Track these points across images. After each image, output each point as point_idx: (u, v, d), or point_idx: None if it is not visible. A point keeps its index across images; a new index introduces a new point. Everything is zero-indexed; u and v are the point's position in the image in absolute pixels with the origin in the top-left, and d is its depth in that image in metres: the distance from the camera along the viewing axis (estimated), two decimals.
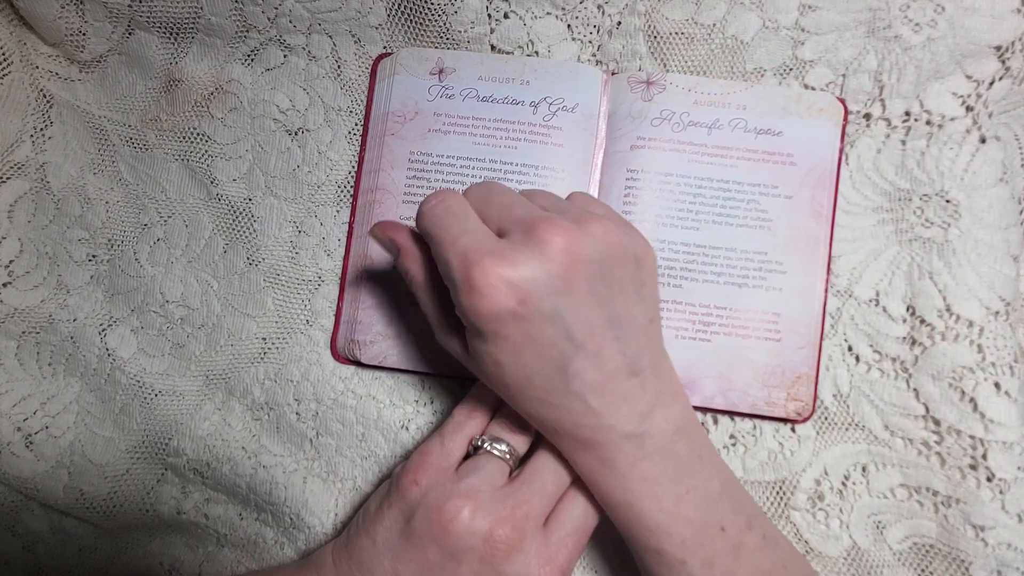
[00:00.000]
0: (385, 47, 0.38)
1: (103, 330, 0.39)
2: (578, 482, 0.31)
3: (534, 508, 0.29)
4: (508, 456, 0.31)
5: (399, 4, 0.36)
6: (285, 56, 0.38)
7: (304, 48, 0.38)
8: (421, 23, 0.37)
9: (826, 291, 0.36)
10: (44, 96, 0.39)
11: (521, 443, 0.32)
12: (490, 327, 0.25)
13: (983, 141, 0.35)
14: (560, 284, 0.25)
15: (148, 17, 0.37)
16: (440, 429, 0.32)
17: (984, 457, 0.34)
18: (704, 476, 0.29)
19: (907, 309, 0.35)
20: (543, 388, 0.27)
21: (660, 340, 0.30)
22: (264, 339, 0.38)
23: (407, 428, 0.37)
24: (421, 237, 0.29)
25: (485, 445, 0.31)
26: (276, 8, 0.37)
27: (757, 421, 0.36)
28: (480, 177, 0.36)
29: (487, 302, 0.24)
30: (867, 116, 0.36)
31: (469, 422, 0.32)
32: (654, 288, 0.29)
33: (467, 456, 0.31)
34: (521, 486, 0.29)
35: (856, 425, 0.36)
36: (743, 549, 0.29)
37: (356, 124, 0.38)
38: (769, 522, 0.31)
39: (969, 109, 0.36)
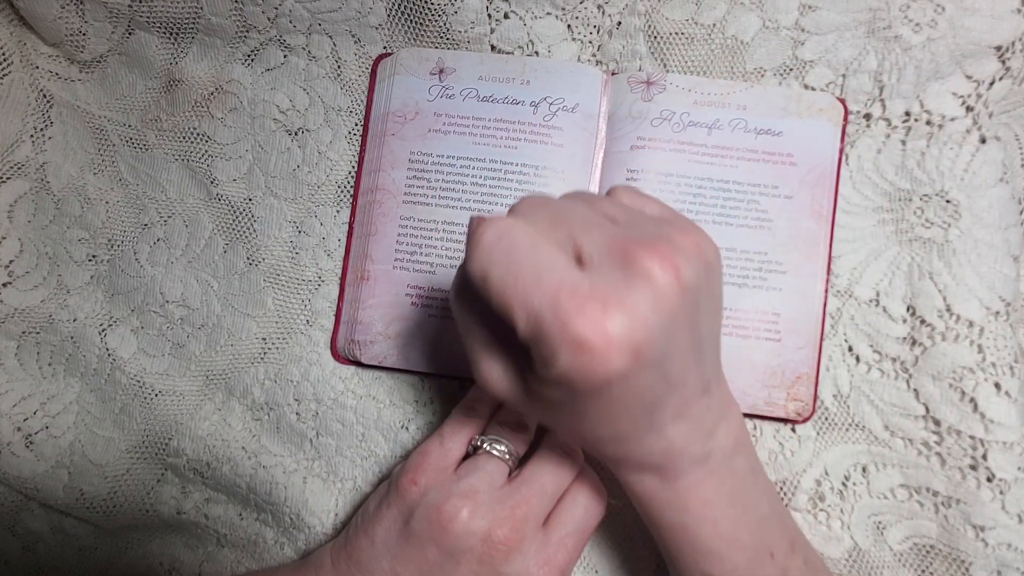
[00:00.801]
0: (385, 47, 0.38)
1: (103, 330, 0.39)
2: (578, 482, 0.31)
3: (533, 509, 0.29)
4: (508, 456, 0.31)
5: (399, 4, 0.36)
6: (285, 56, 0.38)
7: (304, 48, 0.38)
8: (421, 23, 0.37)
9: (826, 291, 0.36)
10: (44, 96, 0.39)
11: (520, 443, 0.32)
12: (594, 388, 0.21)
13: (983, 141, 0.35)
14: (669, 325, 0.21)
15: (148, 17, 0.37)
16: (439, 429, 0.32)
17: (984, 457, 0.34)
18: (756, 494, 0.28)
19: (907, 309, 0.35)
20: (624, 430, 0.24)
21: (720, 346, 0.27)
22: (264, 339, 0.38)
23: (407, 428, 0.37)
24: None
25: (484, 445, 0.31)
26: (276, 8, 0.37)
27: (757, 421, 0.36)
28: (480, 177, 0.36)
29: (601, 363, 0.20)
30: (867, 116, 0.36)
31: (469, 422, 0.32)
32: (721, 291, 0.25)
33: (467, 456, 0.31)
34: (520, 487, 0.29)
35: (856, 425, 0.36)
36: (789, 574, 0.28)
37: (356, 124, 0.38)
38: (808, 544, 0.30)
39: (969, 109, 0.36)
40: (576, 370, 0.20)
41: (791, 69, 0.36)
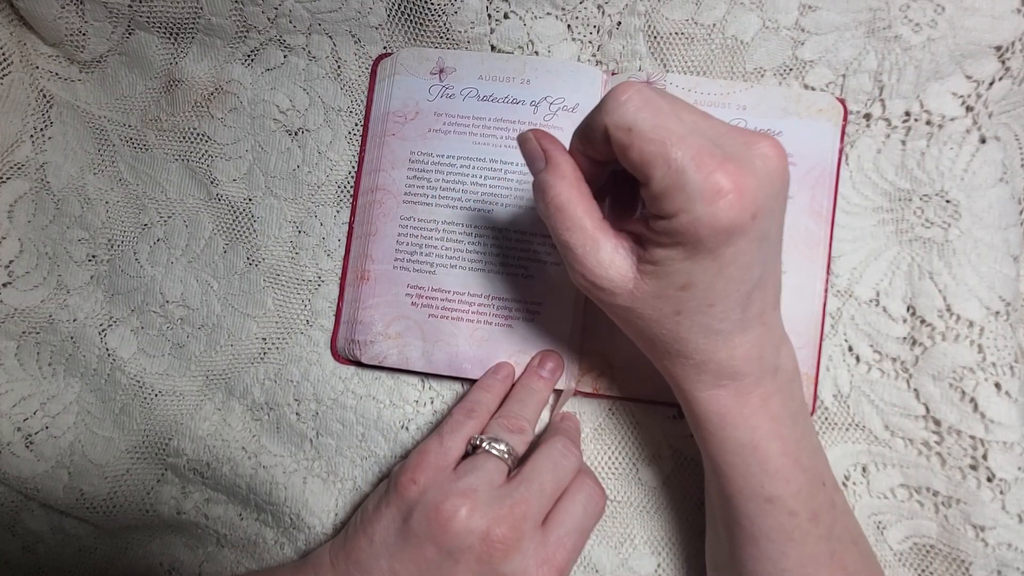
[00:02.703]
0: (385, 47, 0.38)
1: (103, 330, 0.39)
2: (577, 481, 0.31)
3: (532, 508, 0.29)
4: (507, 456, 0.31)
5: (399, 4, 0.36)
6: (285, 56, 0.38)
7: (304, 48, 0.38)
8: (421, 23, 0.37)
9: (826, 291, 0.36)
10: (44, 96, 0.39)
11: (520, 443, 0.32)
12: (716, 241, 0.22)
13: (983, 141, 0.35)
14: (776, 204, 0.24)
15: (148, 17, 0.37)
16: (438, 428, 0.32)
17: (984, 457, 0.34)
18: (808, 423, 0.29)
19: (907, 309, 0.35)
20: (718, 315, 0.25)
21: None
22: (264, 339, 0.38)
23: (407, 428, 0.37)
24: (569, 153, 0.26)
25: (484, 444, 0.31)
26: (276, 8, 0.37)
27: None
28: (481, 177, 0.36)
29: (732, 211, 0.22)
30: (867, 116, 0.36)
31: (468, 422, 0.32)
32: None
33: (466, 455, 0.31)
34: (519, 486, 0.29)
35: (856, 425, 0.36)
36: (836, 508, 0.29)
37: (356, 124, 0.38)
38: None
39: (969, 109, 0.36)
40: (709, 215, 0.22)
41: (791, 69, 0.36)
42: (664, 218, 0.23)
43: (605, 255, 0.25)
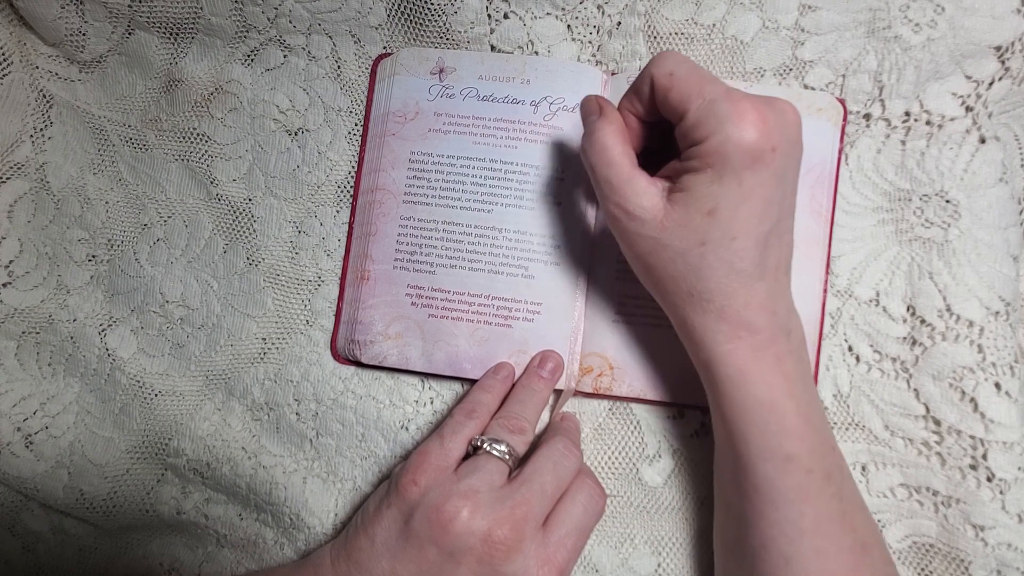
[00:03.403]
0: (385, 47, 0.38)
1: (103, 330, 0.39)
2: (577, 482, 0.31)
3: (533, 508, 0.29)
4: (507, 456, 0.31)
5: (399, 4, 0.36)
6: (285, 56, 0.38)
7: (304, 48, 0.38)
8: (421, 23, 0.37)
9: (825, 291, 0.36)
10: (44, 96, 0.39)
11: (520, 444, 0.32)
12: (740, 161, 0.26)
13: (983, 141, 0.35)
14: (793, 151, 0.27)
15: (148, 17, 0.37)
16: (439, 429, 0.32)
17: (984, 457, 0.34)
18: (817, 393, 0.30)
19: (907, 309, 0.35)
20: (739, 251, 0.27)
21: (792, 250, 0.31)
22: (264, 339, 0.38)
23: (407, 428, 0.37)
24: (619, 111, 0.30)
25: (484, 445, 0.31)
26: (276, 8, 0.37)
27: None
28: (481, 177, 0.36)
29: (754, 132, 0.25)
30: (867, 116, 0.36)
31: (468, 423, 0.32)
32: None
33: (467, 456, 0.31)
34: (520, 487, 0.29)
35: (856, 425, 0.36)
36: (843, 472, 0.29)
37: (356, 124, 0.38)
38: None
39: (969, 109, 0.36)
40: (737, 135, 0.25)
41: (791, 69, 0.36)
42: (697, 143, 0.26)
43: (639, 185, 0.28)
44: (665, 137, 0.29)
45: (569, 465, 0.31)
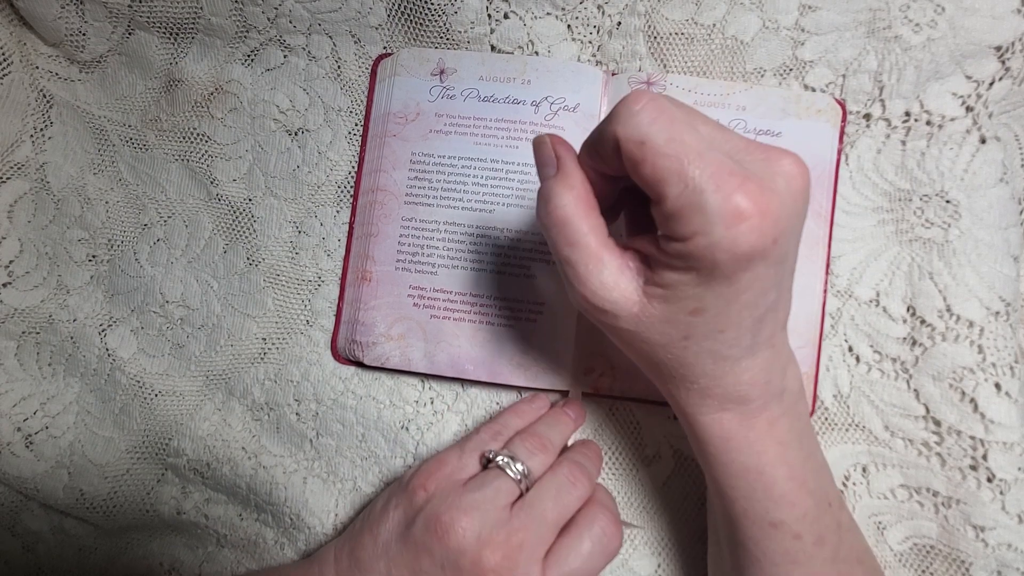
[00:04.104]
0: (385, 47, 0.38)
1: (103, 330, 0.39)
2: (591, 513, 0.29)
3: (530, 537, 0.27)
4: (520, 478, 0.29)
5: (399, 4, 0.36)
6: (285, 56, 0.38)
7: (304, 48, 0.38)
8: (421, 23, 0.37)
9: (825, 291, 0.36)
10: (44, 96, 0.39)
11: (540, 465, 0.30)
12: (734, 267, 0.21)
13: (983, 141, 0.35)
14: (798, 224, 0.22)
15: (148, 17, 0.37)
16: (461, 443, 0.32)
17: (984, 458, 0.34)
18: (814, 441, 0.28)
19: (907, 309, 0.35)
20: (729, 341, 0.24)
21: None
22: (264, 339, 0.38)
23: (407, 428, 0.37)
24: (580, 165, 0.25)
25: (498, 460, 0.29)
26: (276, 8, 0.37)
27: None
28: (482, 177, 0.36)
29: (753, 235, 0.20)
30: (867, 116, 0.36)
31: (492, 442, 0.31)
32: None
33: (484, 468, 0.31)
34: (520, 512, 0.28)
35: (856, 426, 0.36)
36: (842, 528, 0.28)
37: (356, 124, 0.38)
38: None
39: (969, 109, 0.36)
40: (729, 239, 0.20)
41: (791, 69, 0.36)
42: (678, 240, 0.21)
43: (609, 276, 0.24)
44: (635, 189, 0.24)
45: (575, 492, 0.29)
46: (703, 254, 0.21)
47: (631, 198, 0.27)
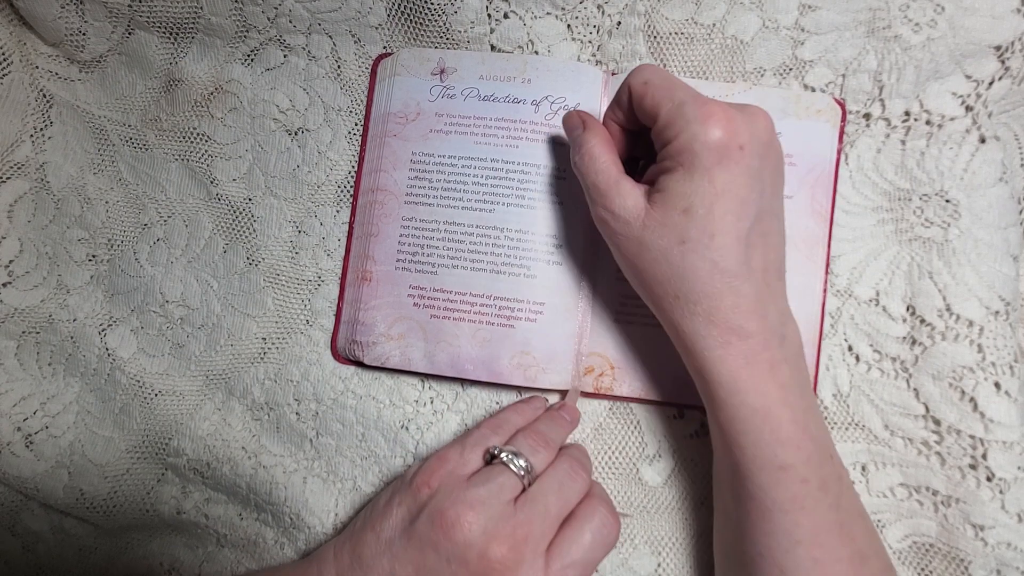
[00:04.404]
0: (385, 47, 0.38)
1: (103, 330, 0.39)
2: (590, 506, 0.30)
3: (534, 531, 0.28)
4: (523, 473, 0.30)
5: (399, 4, 0.36)
6: (285, 56, 0.38)
7: (304, 48, 0.38)
8: (421, 23, 0.37)
9: (825, 291, 0.36)
10: (44, 96, 0.39)
11: (542, 461, 0.31)
12: (708, 158, 0.27)
13: (983, 141, 0.35)
14: (765, 152, 0.28)
15: (148, 17, 0.37)
16: (462, 438, 0.32)
17: (984, 457, 0.34)
18: (814, 399, 0.30)
19: (907, 309, 0.35)
20: (719, 248, 0.27)
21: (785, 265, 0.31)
22: (264, 339, 0.38)
23: (407, 428, 0.37)
24: (604, 123, 0.32)
25: (502, 456, 0.30)
26: (276, 8, 0.37)
27: None
28: (482, 176, 0.36)
29: (719, 130, 0.26)
30: (867, 116, 0.36)
31: (493, 437, 0.32)
32: (782, 180, 0.31)
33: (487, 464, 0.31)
34: (524, 506, 0.29)
35: (856, 425, 0.36)
36: (842, 481, 0.29)
37: (356, 124, 0.38)
38: None
39: (969, 109, 0.36)
40: (702, 134, 0.27)
41: (791, 69, 0.36)
42: (668, 143, 0.28)
43: (625, 188, 0.29)
44: (648, 145, 0.30)
45: (575, 486, 0.30)
46: (686, 147, 0.27)
47: (644, 155, 0.33)
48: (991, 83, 0.35)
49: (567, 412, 0.35)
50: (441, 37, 0.37)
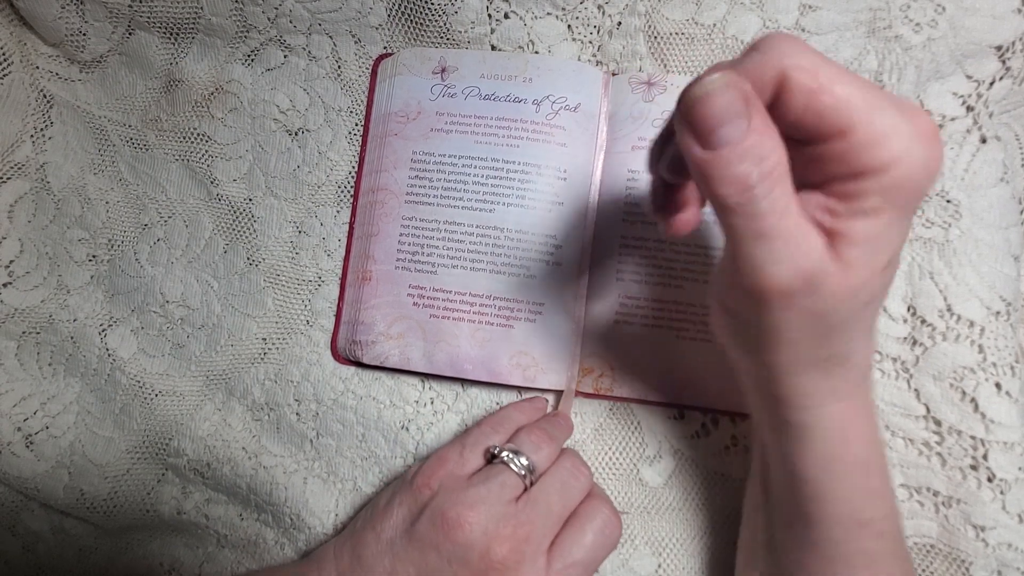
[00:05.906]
0: (385, 47, 0.38)
1: (103, 330, 0.39)
2: (591, 507, 0.30)
3: (536, 530, 0.28)
4: (524, 473, 0.30)
5: (399, 4, 0.36)
6: (285, 56, 0.38)
7: (304, 48, 0.38)
8: (421, 23, 0.37)
9: None
10: (44, 96, 0.39)
11: (544, 460, 0.31)
12: (926, 190, 0.19)
13: (983, 141, 0.35)
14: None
15: (148, 17, 0.37)
16: (463, 437, 0.32)
17: (985, 457, 0.34)
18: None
19: (908, 309, 0.35)
20: (869, 283, 0.20)
21: None
22: (264, 339, 0.38)
23: (407, 428, 0.37)
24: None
25: (503, 455, 0.30)
26: (276, 8, 0.37)
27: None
28: (483, 176, 0.36)
29: (939, 152, 0.19)
30: None
31: (494, 435, 0.32)
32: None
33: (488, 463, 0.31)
34: (526, 506, 0.28)
35: None
36: (902, 528, 0.27)
37: (356, 124, 0.38)
38: None
39: (970, 109, 0.36)
40: (933, 159, 0.19)
41: None
42: (871, 174, 0.19)
43: (809, 241, 0.19)
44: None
45: (578, 485, 0.30)
46: (903, 181, 0.19)
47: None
48: (992, 83, 0.35)
49: (562, 419, 0.35)
50: (441, 37, 0.37)
